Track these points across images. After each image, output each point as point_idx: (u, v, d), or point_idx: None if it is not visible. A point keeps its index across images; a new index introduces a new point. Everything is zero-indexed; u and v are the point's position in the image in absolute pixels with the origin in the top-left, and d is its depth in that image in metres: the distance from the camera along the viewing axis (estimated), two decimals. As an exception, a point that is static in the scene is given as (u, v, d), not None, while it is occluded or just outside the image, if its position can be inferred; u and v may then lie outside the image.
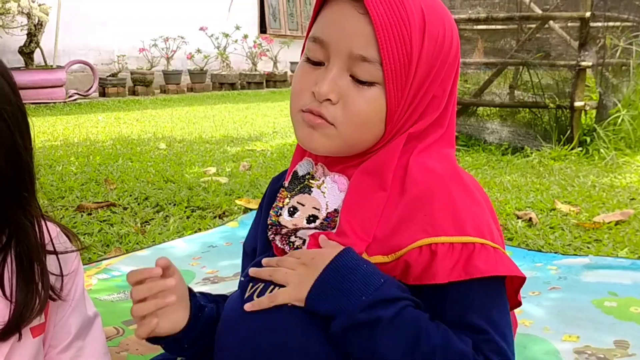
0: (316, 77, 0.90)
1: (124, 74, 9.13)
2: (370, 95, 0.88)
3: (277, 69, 11.36)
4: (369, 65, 0.87)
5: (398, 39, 0.85)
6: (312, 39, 0.92)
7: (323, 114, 0.89)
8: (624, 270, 1.97)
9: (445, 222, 0.85)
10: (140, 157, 4.19)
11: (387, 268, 0.86)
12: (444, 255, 0.83)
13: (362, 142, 0.92)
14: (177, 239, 2.48)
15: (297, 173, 1.00)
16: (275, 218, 0.98)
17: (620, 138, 4.16)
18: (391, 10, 0.85)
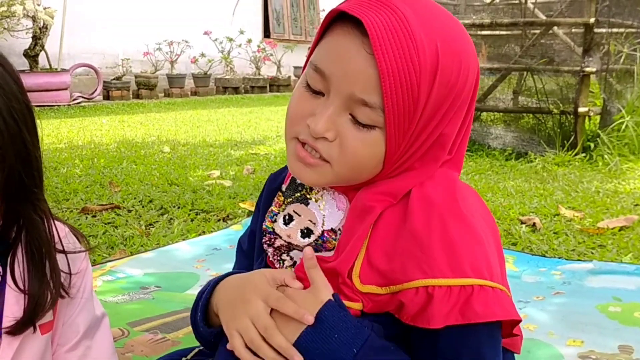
0: (314, 108, 0.85)
1: (128, 77, 9.16)
2: (370, 139, 0.83)
3: (280, 73, 11.37)
4: (370, 110, 0.81)
5: (405, 86, 0.79)
6: (313, 67, 0.85)
7: (318, 149, 0.85)
8: (628, 276, 1.97)
9: (443, 262, 0.81)
10: (144, 160, 4.21)
11: (380, 300, 0.84)
12: (440, 299, 0.79)
13: (357, 180, 0.89)
14: (181, 242, 2.49)
15: (295, 180, 0.96)
16: (270, 224, 0.96)
17: (624, 144, 4.16)
18: (400, 53, 0.78)
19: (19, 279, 0.87)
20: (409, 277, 0.81)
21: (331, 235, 0.91)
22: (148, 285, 2.00)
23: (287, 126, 0.89)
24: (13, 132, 0.80)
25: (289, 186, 0.97)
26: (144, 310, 1.75)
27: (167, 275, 2.11)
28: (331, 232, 0.91)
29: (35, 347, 0.91)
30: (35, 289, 0.87)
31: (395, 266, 0.83)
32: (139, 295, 1.90)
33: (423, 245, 0.82)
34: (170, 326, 1.64)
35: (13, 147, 0.80)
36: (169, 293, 1.94)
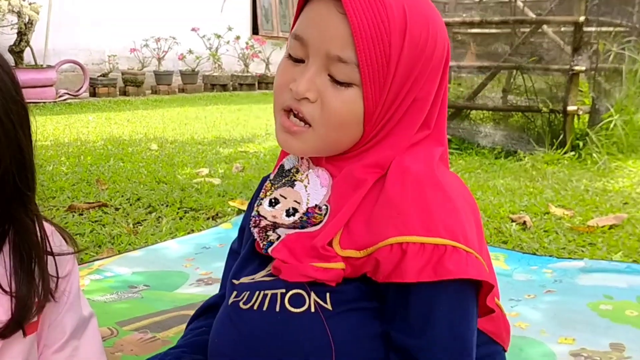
0: (296, 74, 0.90)
1: (115, 74, 9.08)
2: (348, 96, 0.88)
3: (269, 70, 11.34)
4: (346, 66, 0.86)
5: (376, 40, 0.84)
6: (293, 35, 0.92)
7: (301, 111, 0.90)
8: (619, 274, 1.97)
9: (417, 223, 0.84)
10: (131, 158, 4.17)
11: (357, 263, 0.87)
12: (414, 255, 0.82)
13: (340, 144, 0.93)
14: (170, 240, 2.46)
15: (284, 167, 1.00)
16: (256, 209, 0.99)
17: (613, 143, 4.18)
18: (370, 11, 0.84)
19: (4, 282, 0.84)
20: (384, 236, 0.84)
21: (315, 211, 0.93)
22: (137, 284, 1.97)
23: (274, 99, 0.95)
24: (9, 134, 0.78)
25: (277, 174, 1.01)
26: (133, 310, 1.73)
27: (156, 274, 2.09)
28: (315, 208, 0.93)
29: (19, 348, 0.88)
30: (23, 293, 0.84)
31: (372, 230, 0.86)
32: (127, 295, 1.87)
33: (398, 207, 0.86)
34: (160, 325, 1.61)
35: (8, 149, 0.78)
36: (158, 292, 1.92)
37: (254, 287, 0.95)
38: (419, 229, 0.83)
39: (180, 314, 1.69)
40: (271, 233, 0.96)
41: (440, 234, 0.83)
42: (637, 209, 2.92)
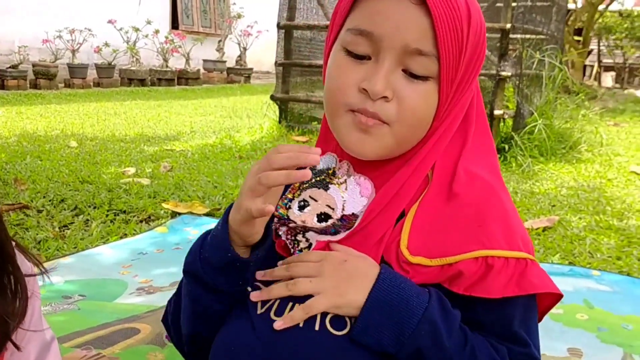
0: (364, 73, 0.83)
1: (25, 65, 8.57)
2: (425, 90, 0.83)
3: (189, 66, 11.05)
4: (425, 59, 0.81)
5: (453, 31, 0.80)
6: (355, 31, 0.83)
7: (378, 115, 0.83)
8: (563, 277, 2.02)
9: (500, 235, 0.83)
10: (49, 156, 3.93)
11: (428, 271, 0.83)
12: (499, 270, 0.81)
13: (411, 142, 0.88)
14: (102, 245, 2.32)
15: (315, 166, 0.91)
16: (284, 211, 0.91)
17: (535, 146, 4.33)
18: (446, 2, 0.80)
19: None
20: (467, 249, 0.82)
21: (351, 219, 0.88)
22: (71, 294, 1.83)
23: (334, 98, 0.86)
24: None
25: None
26: (72, 323, 1.60)
27: (91, 282, 1.95)
28: (352, 216, 0.88)
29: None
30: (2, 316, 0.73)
31: (446, 239, 0.83)
32: (62, 306, 1.74)
33: (480, 218, 0.83)
34: (104, 340, 1.50)
35: None
36: (96, 302, 1.79)
37: (287, 297, 0.84)
38: (502, 242, 0.82)
39: (124, 327, 1.58)
40: (301, 238, 0.89)
41: (520, 248, 0.83)
42: (564, 211, 3.02)
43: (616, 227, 2.76)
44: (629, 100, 10.10)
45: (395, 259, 0.84)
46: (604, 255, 2.39)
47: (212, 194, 3.11)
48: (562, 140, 4.64)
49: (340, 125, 0.86)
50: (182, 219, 2.65)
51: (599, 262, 2.31)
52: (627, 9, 13.16)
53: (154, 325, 1.58)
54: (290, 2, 5.22)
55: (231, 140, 4.86)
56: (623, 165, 4.32)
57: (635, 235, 2.64)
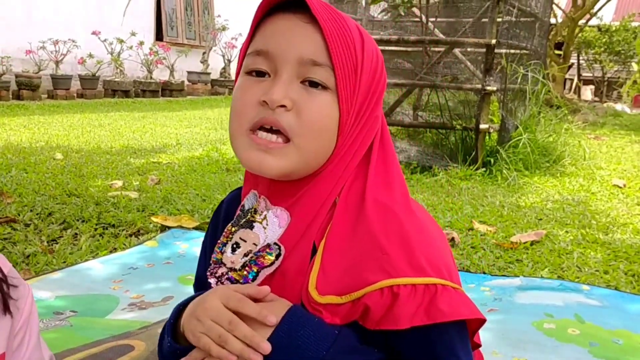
0: (263, 88, 0.85)
1: (8, 76, 8.50)
2: (323, 100, 0.85)
3: (173, 77, 11.04)
4: (321, 69, 0.84)
5: (345, 45, 0.85)
6: (254, 53, 0.87)
7: (278, 122, 0.84)
8: (554, 292, 2.04)
9: (403, 262, 0.81)
10: (35, 168, 3.89)
11: (342, 309, 0.82)
12: (406, 298, 0.79)
13: (317, 157, 0.87)
14: (92, 260, 2.30)
15: (244, 206, 0.94)
16: (219, 255, 0.93)
17: (519, 160, 4.37)
18: (334, 20, 0.85)
19: None
20: (372, 280, 0.80)
21: (265, 250, 0.89)
22: (62, 310, 1.81)
23: (235, 119, 0.88)
24: None
25: (238, 215, 0.95)
26: (65, 340, 1.58)
27: (82, 298, 1.94)
28: (266, 247, 0.89)
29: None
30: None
31: (354, 272, 0.82)
32: (54, 322, 1.72)
33: (382, 246, 0.82)
34: (98, 358, 1.48)
35: None
36: (88, 319, 1.77)
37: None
38: (407, 269, 0.80)
39: (118, 344, 1.57)
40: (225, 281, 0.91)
41: (427, 273, 0.80)
42: (551, 225, 3.06)
43: (602, 240, 2.80)
44: (609, 113, 10.27)
45: (307, 300, 0.83)
46: (592, 269, 2.42)
47: (201, 207, 3.10)
48: (546, 153, 4.70)
49: (239, 147, 0.87)
50: (172, 232, 2.64)
51: (587, 276, 2.33)
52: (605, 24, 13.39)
53: (148, 342, 1.57)
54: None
55: (218, 153, 4.85)
56: (605, 179, 4.38)
57: (621, 249, 2.68)
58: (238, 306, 0.82)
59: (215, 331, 0.81)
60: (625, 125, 8.70)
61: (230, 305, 0.83)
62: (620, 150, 6.07)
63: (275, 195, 0.91)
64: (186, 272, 2.21)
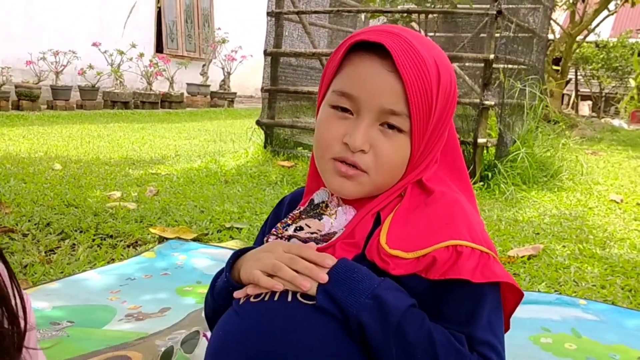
0: (346, 128, 0.98)
1: (8, 87, 8.53)
2: (398, 144, 0.98)
3: (173, 89, 11.07)
4: (398, 117, 0.96)
5: (422, 93, 0.95)
6: (339, 92, 0.98)
7: (357, 164, 0.98)
8: (551, 306, 2.04)
9: (466, 232, 0.94)
10: (34, 178, 3.90)
11: (405, 263, 0.93)
12: (467, 256, 0.92)
13: (386, 186, 1.02)
14: (89, 270, 2.30)
15: (313, 201, 1.08)
16: (281, 231, 1.06)
17: (517, 174, 4.39)
18: (415, 67, 0.94)
19: None
20: (438, 240, 0.93)
21: (330, 235, 1.01)
22: (59, 321, 1.81)
23: (321, 149, 1.02)
24: None
25: (307, 207, 1.08)
26: (61, 350, 1.58)
27: (80, 308, 1.94)
28: (331, 233, 1.02)
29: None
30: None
31: (419, 236, 0.95)
32: (51, 333, 1.72)
33: (448, 218, 0.96)
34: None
35: None
36: (85, 329, 1.77)
37: None
38: (468, 237, 0.94)
39: (115, 355, 1.57)
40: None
41: (483, 244, 0.94)
42: (548, 239, 3.06)
43: (599, 255, 2.80)
44: (606, 129, 10.30)
45: (377, 252, 0.95)
46: (589, 283, 2.43)
47: (199, 218, 3.10)
48: (544, 168, 4.71)
49: (325, 171, 1.02)
50: (170, 244, 2.64)
51: (584, 291, 2.34)
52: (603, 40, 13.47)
53: (145, 353, 1.57)
54: (277, 29, 5.27)
55: (216, 165, 4.86)
56: (603, 194, 4.39)
57: (618, 264, 2.68)
58: (299, 251, 0.96)
59: (271, 263, 0.95)
60: (623, 141, 8.73)
61: (292, 250, 0.96)
62: (618, 165, 6.09)
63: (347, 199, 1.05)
64: (184, 284, 2.21)
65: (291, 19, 5.38)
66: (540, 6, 5.36)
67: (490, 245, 0.96)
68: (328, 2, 6.01)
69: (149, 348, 1.59)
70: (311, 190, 1.10)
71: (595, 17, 10.54)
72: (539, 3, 5.34)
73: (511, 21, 4.39)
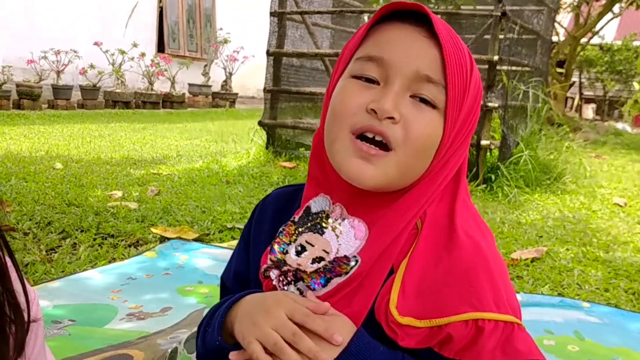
0: (372, 97, 0.83)
1: (9, 85, 8.51)
2: (431, 118, 0.84)
3: (174, 89, 11.07)
4: (434, 87, 0.83)
5: (459, 66, 0.84)
6: (365, 58, 0.86)
7: (385, 133, 0.82)
8: (554, 308, 2.03)
9: (490, 298, 0.82)
10: (35, 177, 3.88)
11: (418, 333, 0.81)
12: (490, 333, 0.80)
13: (413, 173, 0.86)
14: (90, 270, 2.29)
15: (310, 209, 0.92)
16: (281, 256, 0.91)
17: (520, 176, 4.37)
18: (452, 39, 0.85)
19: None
20: (457, 310, 0.81)
21: (343, 261, 0.87)
22: (61, 319, 1.80)
23: (339, 120, 0.85)
24: None
25: (303, 216, 0.93)
26: (63, 349, 1.57)
27: (81, 307, 1.92)
28: (344, 258, 0.87)
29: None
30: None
31: (436, 299, 0.82)
32: (52, 331, 1.71)
33: (470, 279, 0.82)
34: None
35: None
36: (86, 328, 1.76)
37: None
38: (492, 304, 0.81)
39: (117, 354, 1.56)
40: (292, 288, 0.89)
41: (508, 311, 0.82)
42: (552, 242, 3.05)
43: (603, 258, 2.79)
44: (610, 132, 10.28)
45: (385, 319, 0.83)
46: (592, 286, 2.41)
47: (201, 219, 3.09)
48: (547, 171, 4.70)
49: (341, 150, 0.85)
50: (171, 243, 2.63)
51: (587, 294, 2.32)
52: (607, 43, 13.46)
53: (147, 351, 1.56)
54: (280, 30, 5.26)
55: (218, 165, 4.85)
56: (606, 197, 4.38)
57: (621, 267, 2.67)
58: (304, 320, 0.81)
59: (272, 338, 0.80)
60: (626, 145, 8.71)
61: (295, 318, 0.81)
62: (621, 169, 6.08)
63: (355, 205, 0.89)
64: (185, 284, 2.20)
65: (294, 19, 5.37)
66: (545, 8, 5.35)
67: (515, 307, 0.85)
68: (331, 2, 6.00)
69: (150, 347, 1.58)
70: (308, 196, 0.93)
71: (600, 20, 10.54)
72: (543, 5, 5.33)
73: (515, 23, 4.38)
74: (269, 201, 1.04)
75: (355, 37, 0.90)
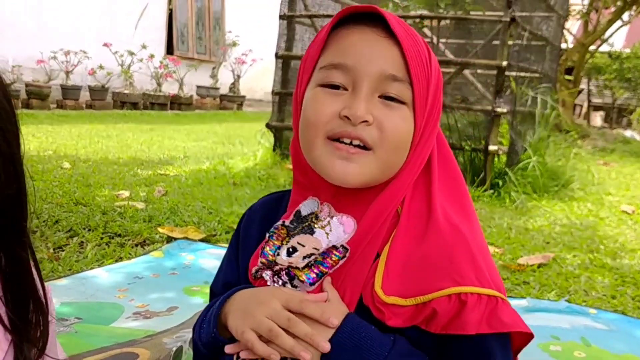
0: (342, 103, 0.86)
1: (18, 85, 8.56)
2: (402, 115, 0.87)
3: (182, 91, 11.10)
4: (400, 84, 0.86)
5: (419, 59, 0.87)
6: (330, 66, 0.88)
7: (362, 137, 0.85)
8: (561, 314, 2.02)
9: (471, 273, 0.84)
10: (43, 177, 3.90)
11: (404, 312, 0.84)
12: (473, 306, 0.82)
13: (392, 169, 0.90)
14: (97, 268, 2.30)
15: (300, 212, 0.94)
16: (272, 258, 0.92)
17: (528, 182, 4.36)
18: (409, 35, 0.87)
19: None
20: (440, 286, 0.83)
21: (332, 251, 0.89)
22: (67, 317, 1.81)
23: (313, 128, 0.88)
24: (5, 156, 0.67)
25: (293, 220, 0.94)
26: (69, 346, 1.57)
27: (88, 305, 1.93)
28: (333, 248, 0.89)
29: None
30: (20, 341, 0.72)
31: (419, 278, 0.84)
32: (59, 329, 1.71)
33: (451, 257, 0.85)
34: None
35: (4, 172, 0.67)
36: (92, 326, 1.76)
37: None
38: (474, 279, 0.83)
39: (123, 352, 1.56)
40: (288, 285, 0.91)
41: (491, 286, 0.84)
42: (559, 248, 3.04)
43: (610, 265, 2.78)
44: (618, 140, 10.24)
45: (371, 300, 0.85)
46: (599, 293, 2.40)
47: (208, 219, 3.10)
48: (555, 177, 4.68)
49: (321, 156, 0.88)
50: (178, 244, 2.64)
51: (594, 300, 2.32)
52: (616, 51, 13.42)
53: (152, 350, 1.56)
54: (289, 33, 5.27)
55: (225, 167, 4.86)
56: (614, 205, 4.36)
57: (628, 275, 2.66)
58: (300, 307, 0.84)
59: (267, 325, 0.82)
60: (635, 152, 8.67)
61: (290, 306, 0.84)
62: (630, 176, 6.06)
63: (341, 203, 0.92)
64: (191, 284, 2.20)
65: (303, 22, 5.38)
66: (554, 15, 5.35)
67: (499, 283, 0.87)
68: (340, 6, 6.01)
69: (156, 345, 1.58)
70: (296, 201, 0.95)
71: (609, 27, 10.51)
72: (552, 12, 5.32)
73: (524, 29, 4.38)
74: (255, 209, 1.05)
75: (314, 45, 0.92)
